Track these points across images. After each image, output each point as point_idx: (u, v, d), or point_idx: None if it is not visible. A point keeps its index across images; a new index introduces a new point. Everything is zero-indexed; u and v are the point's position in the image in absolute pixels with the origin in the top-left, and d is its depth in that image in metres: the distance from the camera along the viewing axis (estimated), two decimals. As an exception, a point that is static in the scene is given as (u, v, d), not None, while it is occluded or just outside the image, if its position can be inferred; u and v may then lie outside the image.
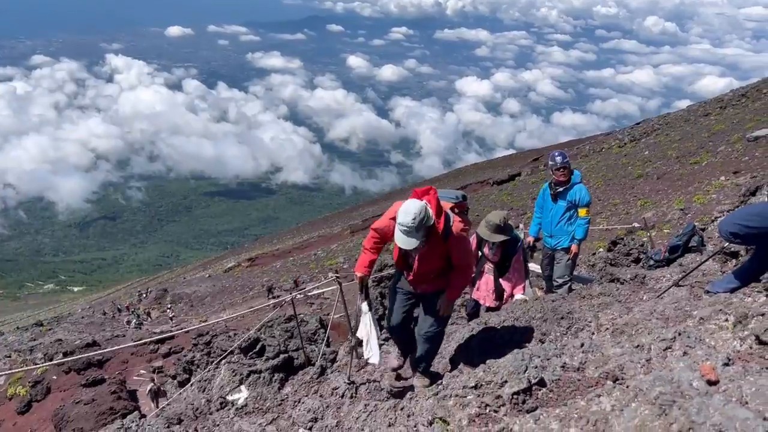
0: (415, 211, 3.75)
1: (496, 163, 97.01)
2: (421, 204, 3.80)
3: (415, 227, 3.74)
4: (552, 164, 6.42)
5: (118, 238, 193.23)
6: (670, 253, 5.32)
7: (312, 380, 4.45)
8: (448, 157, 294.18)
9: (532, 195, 37.72)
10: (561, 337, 3.78)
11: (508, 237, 5.55)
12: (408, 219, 3.74)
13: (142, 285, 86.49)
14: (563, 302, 4.62)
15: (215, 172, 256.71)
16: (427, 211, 3.81)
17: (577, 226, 6.27)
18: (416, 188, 4.04)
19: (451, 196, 4.35)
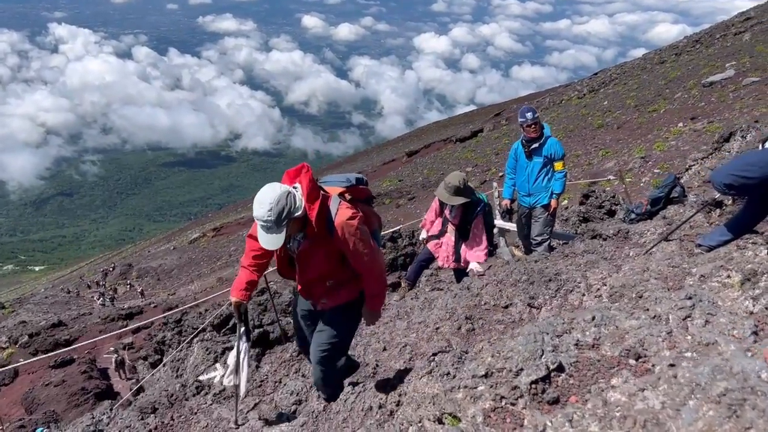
0: (270, 200, 2.95)
1: (457, 120, 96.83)
2: (280, 190, 2.98)
3: (274, 220, 2.95)
4: (522, 120, 6.22)
5: (77, 215, 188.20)
6: (651, 206, 5.22)
7: (292, 358, 4.25)
8: (410, 116, 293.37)
9: (495, 150, 37.77)
10: (550, 300, 3.66)
11: (467, 199, 5.25)
12: (262, 210, 2.96)
13: (105, 261, 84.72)
14: (548, 263, 4.49)
15: (172, 142, 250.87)
16: (290, 199, 2.99)
17: (555, 180, 6.13)
18: (290, 170, 3.26)
19: (341, 179, 3.48)
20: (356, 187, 3.49)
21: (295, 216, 3.01)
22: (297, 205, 3.02)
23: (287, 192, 3.00)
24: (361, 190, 3.54)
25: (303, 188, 3.08)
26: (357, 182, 3.50)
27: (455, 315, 3.89)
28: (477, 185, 27.27)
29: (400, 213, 29.97)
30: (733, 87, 22.09)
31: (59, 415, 14.61)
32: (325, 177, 3.54)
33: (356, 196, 3.47)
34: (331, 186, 3.41)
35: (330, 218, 3.12)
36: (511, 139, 39.73)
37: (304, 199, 3.06)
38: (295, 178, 3.18)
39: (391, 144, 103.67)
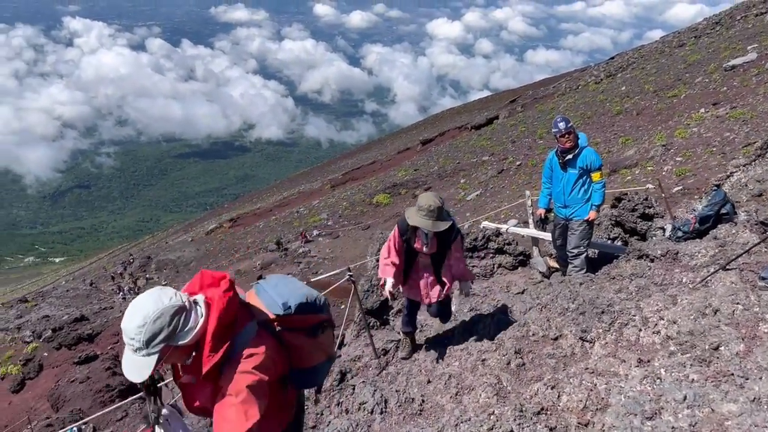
0: (146, 314, 2.15)
1: (472, 107, 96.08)
2: (167, 302, 2.18)
3: (143, 341, 2.15)
4: (556, 131, 6.03)
5: (95, 206, 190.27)
6: (700, 224, 5.02)
7: (332, 387, 4.15)
8: (423, 103, 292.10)
9: (511, 138, 37.35)
10: (604, 334, 3.50)
11: (450, 222, 4.40)
12: (131, 325, 2.16)
13: (124, 252, 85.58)
14: (594, 286, 4.33)
15: (187, 133, 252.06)
16: (178, 321, 2.18)
17: (594, 191, 5.95)
18: (206, 271, 2.41)
19: (280, 299, 2.46)
20: (293, 316, 2.47)
21: (177, 345, 2.19)
22: (185, 330, 2.19)
23: (177, 308, 2.17)
24: (300, 319, 2.51)
25: (212, 320, 2.22)
26: (299, 311, 2.47)
27: (503, 347, 3.75)
28: (494, 174, 26.95)
29: (418, 204, 29.84)
30: (755, 71, 21.52)
31: (85, 413, 14.80)
32: (266, 281, 2.61)
33: (293, 326, 2.51)
34: (263, 305, 2.49)
35: (231, 358, 2.25)
36: (527, 126, 39.29)
37: (208, 339, 2.20)
38: (209, 287, 2.32)
39: (405, 132, 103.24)
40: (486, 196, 23.22)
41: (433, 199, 4.34)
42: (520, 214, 14.44)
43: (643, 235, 7.09)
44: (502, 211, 15.21)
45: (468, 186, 27.33)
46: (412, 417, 3.50)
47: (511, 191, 21.31)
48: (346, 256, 23.22)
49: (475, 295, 5.69)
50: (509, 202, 16.67)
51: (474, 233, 6.82)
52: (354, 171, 62.98)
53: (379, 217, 31.12)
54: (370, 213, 33.44)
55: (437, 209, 4.29)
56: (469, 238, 6.75)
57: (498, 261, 6.68)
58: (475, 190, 25.36)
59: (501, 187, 23.59)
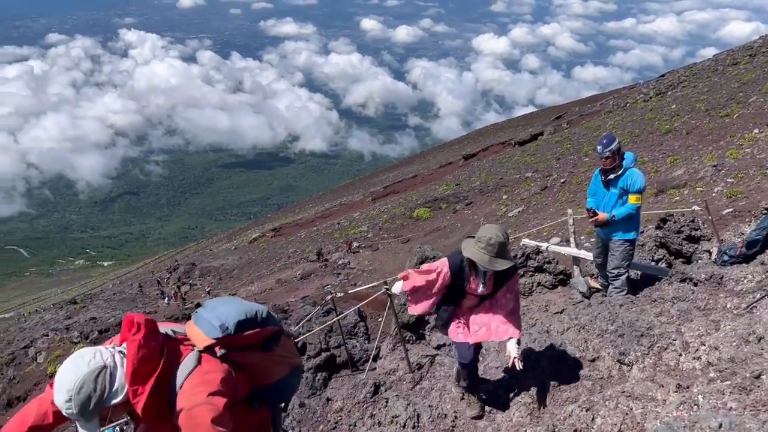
0: (69, 386, 2.06)
1: (516, 122, 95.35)
2: (86, 368, 2.09)
3: (76, 413, 2.07)
4: (598, 151, 6.02)
5: (143, 213, 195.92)
6: (747, 249, 4.88)
7: (366, 400, 4.18)
8: (467, 118, 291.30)
9: (556, 155, 36.91)
10: (642, 358, 3.45)
11: (512, 263, 3.78)
12: (61, 399, 2.08)
13: (170, 258, 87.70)
14: (635, 308, 4.25)
15: (233, 143, 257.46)
16: (102, 380, 2.09)
17: (624, 207, 5.85)
18: (129, 314, 2.25)
19: (217, 322, 2.33)
20: (235, 337, 2.33)
21: (111, 404, 2.11)
22: (114, 388, 2.11)
23: (98, 371, 2.08)
24: (245, 338, 2.37)
25: (127, 368, 2.11)
26: (238, 329, 2.33)
27: (539, 367, 3.73)
28: (537, 191, 26.65)
29: (458, 218, 29.66)
30: (813, 91, 20.81)
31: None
32: (204, 307, 2.49)
33: (240, 345, 2.36)
34: (199, 333, 2.33)
35: (172, 394, 2.16)
36: (573, 143, 38.77)
37: (128, 387, 2.11)
38: (128, 334, 2.20)
39: (448, 146, 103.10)
40: (528, 212, 22.98)
41: (495, 232, 3.76)
42: (562, 232, 14.25)
43: (688, 258, 6.93)
44: (545, 229, 15.03)
45: (510, 202, 27.09)
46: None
47: (555, 209, 21.03)
48: (384, 269, 23.27)
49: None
50: (552, 219, 16.46)
51: (514, 250, 6.79)
52: (395, 184, 63.18)
53: (418, 230, 31.10)
54: (409, 226, 33.45)
55: (498, 244, 3.67)
56: (509, 255, 6.71)
57: (537, 279, 6.62)
58: (517, 206, 25.12)
59: (544, 205, 23.32)
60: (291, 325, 10.09)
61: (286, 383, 2.57)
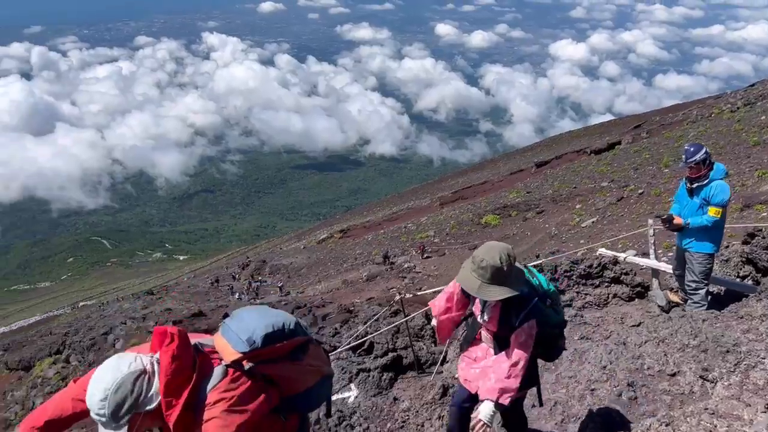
0: (107, 386, 2.08)
1: (593, 131, 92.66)
2: (126, 369, 2.12)
3: (109, 415, 2.07)
4: (682, 160, 5.83)
5: (218, 210, 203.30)
6: None
7: (434, 401, 4.19)
8: (540, 125, 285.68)
9: (634, 165, 35.63)
10: (728, 375, 3.29)
11: (511, 293, 2.99)
12: (95, 399, 2.09)
13: (242, 254, 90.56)
14: (719, 324, 4.07)
15: (305, 146, 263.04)
16: (140, 385, 2.11)
17: (702, 217, 5.60)
18: (158, 327, 2.27)
19: (245, 335, 2.32)
20: (263, 350, 2.32)
21: (145, 411, 2.12)
22: (150, 394, 2.12)
23: (138, 374, 2.11)
24: (272, 350, 2.35)
25: (160, 379, 2.12)
26: (266, 342, 2.32)
27: (614, 378, 3.63)
28: (613, 202, 25.77)
29: (528, 227, 29.14)
30: None
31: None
32: (232, 317, 2.45)
33: (268, 358, 2.35)
34: (229, 345, 2.32)
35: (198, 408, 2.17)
36: (652, 153, 37.37)
37: (162, 399, 2.12)
38: (159, 346, 2.21)
39: (520, 153, 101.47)
40: (603, 223, 22.30)
41: (491, 253, 3.01)
42: (639, 245, 13.76)
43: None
44: (620, 240, 14.54)
45: (583, 212, 26.37)
46: (514, 438, 3.48)
47: (631, 221, 20.32)
48: (450, 274, 23.16)
49: (587, 324, 5.52)
50: (627, 231, 15.91)
51: (589, 260, 6.62)
52: (464, 190, 62.76)
53: (486, 237, 30.76)
54: (477, 233, 33.15)
55: (491, 268, 2.95)
56: (584, 264, 6.55)
57: (613, 291, 6.43)
58: (590, 216, 24.43)
59: (620, 216, 22.56)
60: (358, 324, 10.22)
61: (316, 392, 2.56)
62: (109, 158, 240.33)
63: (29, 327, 53.45)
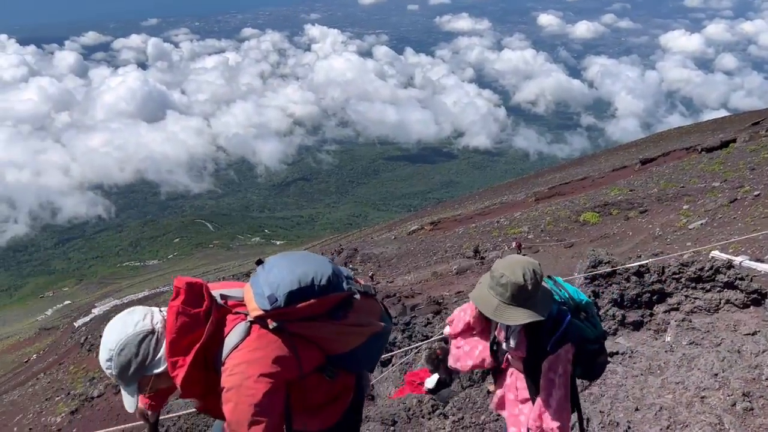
0: (111, 345, 1.93)
1: (704, 127, 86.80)
2: (132, 329, 1.93)
3: (116, 375, 1.94)
4: None
5: (314, 198, 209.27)
6: None
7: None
8: (647, 120, 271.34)
9: (750, 165, 33.05)
10: None
11: (535, 318, 2.53)
12: (102, 357, 1.95)
13: (334, 242, 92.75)
14: None
15: (399, 137, 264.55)
16: (147, 346, 1.93)
17: None
18: (181, 277, 2.02)
19: (268, 290, 2.04)
20: (289, 309, 2.03)
21: (153, 373, 1.95)
22: (158, 357, 1.94)
23: (144, 334, 1.93)
24: (301, 309, 2.05)
25: (167, 331, 1.92)
26: (290, 301, 2.02)
27: (728, 386, 3.42)
28: (724, 203, 24.07)
29: (629, 226, 27.84)
30: None
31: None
32: (263, 266, 2.18)
33: (299, 317, 2.06)
34: (251, 298, 2.07)
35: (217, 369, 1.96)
36: (772, 152, 34.54)
37: (166, 352, 1.91)
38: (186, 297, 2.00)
39: (623, 149, 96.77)
40: (712, 226, 20.90)
41: (514, 267, 2.56)
42: (753, 250, 12.82)
43: None
44: (731, 244, 13.59)
45: (691, 213, 24.83)
46: (614, 441, 3.37)
47: (744, 224, 18.92)
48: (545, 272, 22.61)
49: (696, 329, 5.24)
50: (740, 235, 14.84)
51: (700, 262, 6.26)
52: (561, 185, 60.76)
53: (584, 236, 29.71)
54: (575, 231, 32.06)
55: (512, 286, 2.49)
56: (694, 267, 6.20)
57: (726, 296, 6.04)
58: (699, 218, 22.96)
59: (732, 219, 21.06)
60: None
61: (364, 351, 2.24)
62: (214, 145, 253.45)
63: (138, 301, 57.61)
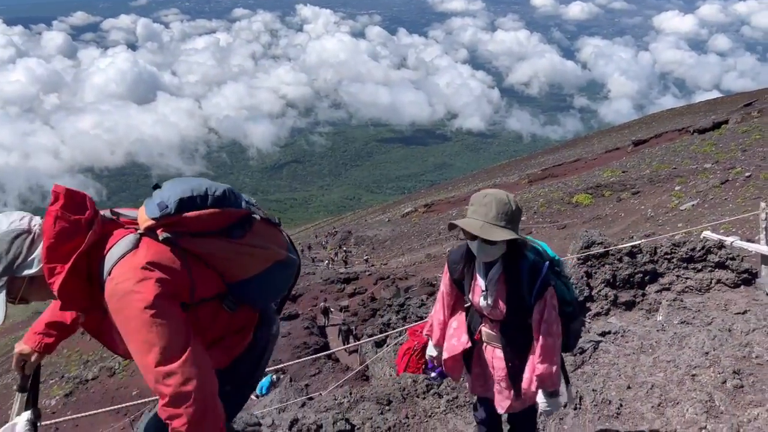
0: None
1: (697, 108, 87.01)
2: (5, 225, 1.85)
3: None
4: None
5: (307, 181, 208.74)
6: None
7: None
8: (640, 101, 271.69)
9: (742, 146, 33.19)
10: None
11: (516, 236, 2.43)
12: None
13: (328, 224, 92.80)
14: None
15: (392, 119, 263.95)
16: (17, 246, 1.82)
17: None
18: (56, 185, 1.87)
19: (158, 198, 1.95)
20: (184, 218, 1.91)
21: (20, 275, 1.84)
22: (30, 257, 1.83)
23: (18, 233, 1.82)
24: (196, 219, 1.93)
25: (44, 236, 1.80)
26: (180, 208, 1.90)
27: (718, 364, 3.46)
28: (716, 185, 24.17)
29: (622, 207, 27.97)
30: None
31: (283, 362, 16.46)
32: (164, 184, 2.06)
33: (193, 230, 1.93)
34: (141, 212, 1.97)
35: (101, 278, 1.83)
36: (763, 134, 34.64)
37: (43, 256, 1.80)
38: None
39: (616, 131, 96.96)
40: (704, 207, 21.05)
41: (498, 192, 2.51)
42: (744, 230, 12.92)
43: None
44: (722, 225, 13.68)
45: (683, 194, 24.96)
46: (608, 418, 3.41)
47: (735, 205, 19.05)
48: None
49: (687, 309, 5.28)
50: (731, 216, 14.94)
51: (692, 242, 6.30)
52: (554, 167, 60.92)
53: (577, 217, 29.84)
54: (567, 212, 32.20)
55: (497, 203, 2.42)
56: (686, 247, 6.23)
57: (717, 276, 6.08)
58: (691, 199, 23.10)
59: (723, 200, 21.19)
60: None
61: (267, 279, 2.08)
62: (206, 127, 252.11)
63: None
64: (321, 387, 13.04)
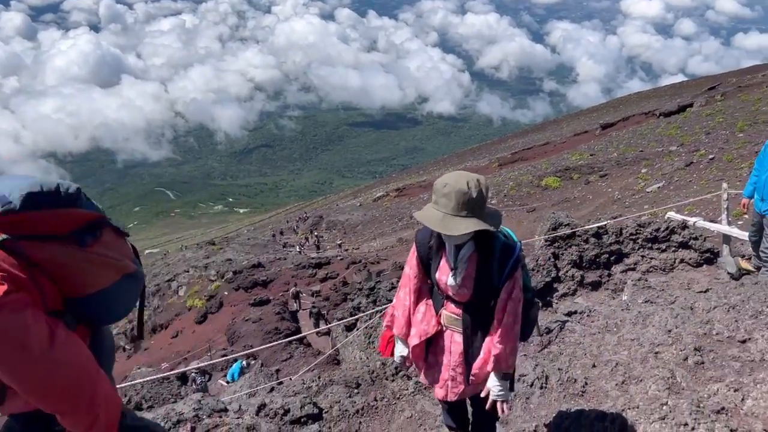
0: None
1: (663, 92, 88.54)
2: None
3: None
4: None
5: (277, 165, 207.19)
6: None
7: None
8: (608, 85, 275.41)
9: (705, 129, 33.86)
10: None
11: (483, 227, 2.27)
12: None
13: (299, 209, 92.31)
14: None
15: (363, 103, 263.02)
16: None
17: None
18: None
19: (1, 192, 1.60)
20: (26, 215, 1.58)
21: None
22: None
23: None
24: (41, 218, 1.61)
25: None
26: (27, 204, 1.57)
27: (681, 342, 3.53)
28: (681, 167, 24.67)
29: (590, 190, 28.36)
30: None
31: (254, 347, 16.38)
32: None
33: (31, 230, 1.59)
34: None
35: None
36: (726, 117, 35.36)
37: None
38: None
39: (584, 114, 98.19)
40: (669, 189, 21.44)
41: (457, 177, 2.30)
42: (707, 211, 13.21)
43: None
44: (686, 206, 13.98)
45: (649, 177, 25.40)
46: (573, 397, 3.45)
47: (699, 186, 19.45)
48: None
49: (651, 288, 5.38)
50: (695, 197, 15.27)
51: (656, 223, 6.40)
52: (524, 151, 61.48)
53: (546, 200, 30.17)
54: (537, 195, 32.53)
55: (457, 194, 2.24)
56: (650, 228, 6.34)
57: (680, 256, 6.20)
58: (657, 181, 23.52)
59: (688, 182, 21.62)
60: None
61: (114, 295, 1.79)
62: (172, 111, 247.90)
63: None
64: (292, 372, 13.02)
